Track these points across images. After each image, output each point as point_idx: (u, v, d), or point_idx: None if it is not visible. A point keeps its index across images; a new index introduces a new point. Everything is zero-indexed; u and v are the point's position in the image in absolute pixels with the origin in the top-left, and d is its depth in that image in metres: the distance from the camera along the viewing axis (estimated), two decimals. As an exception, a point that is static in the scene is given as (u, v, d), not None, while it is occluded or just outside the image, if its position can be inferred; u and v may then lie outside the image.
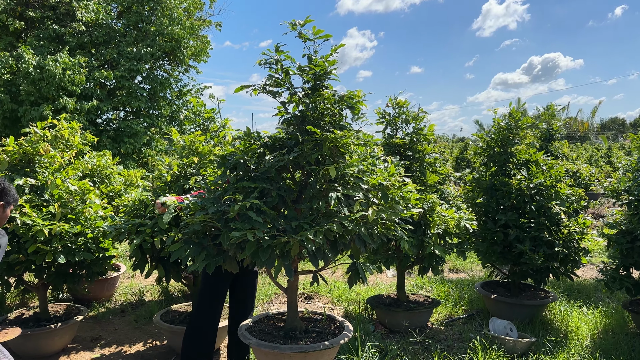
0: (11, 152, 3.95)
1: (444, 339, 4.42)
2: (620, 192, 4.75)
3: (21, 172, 3.97)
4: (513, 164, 5.12)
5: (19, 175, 3.91)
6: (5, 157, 3.95)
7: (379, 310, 4.70)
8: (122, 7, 13.39)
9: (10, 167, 3.97)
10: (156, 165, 4.64)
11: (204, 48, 14.66)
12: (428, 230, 4.25)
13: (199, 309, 3.47)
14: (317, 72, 2.97)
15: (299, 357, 2.86)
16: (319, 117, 2.96)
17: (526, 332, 4.48)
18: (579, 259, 4.76)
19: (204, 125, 5.20)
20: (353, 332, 3.36)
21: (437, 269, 4.42)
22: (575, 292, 5.84)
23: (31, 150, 3.99)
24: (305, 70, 2.99)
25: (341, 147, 2.94)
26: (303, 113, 2.99)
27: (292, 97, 3.03)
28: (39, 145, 4.00)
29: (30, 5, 11.95)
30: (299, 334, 3.14)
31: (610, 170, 14.99)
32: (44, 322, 4.07)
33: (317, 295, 5.90)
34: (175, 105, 14.09)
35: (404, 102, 4.83)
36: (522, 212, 4.86)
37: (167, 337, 4.20)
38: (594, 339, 4.39)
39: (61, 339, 4.07)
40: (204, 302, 3.45)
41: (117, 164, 5.82)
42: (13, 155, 3.96)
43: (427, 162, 4.79)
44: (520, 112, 5.15)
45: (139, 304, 5.49)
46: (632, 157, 5.52)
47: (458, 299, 5.58)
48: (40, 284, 4.13)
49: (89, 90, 11.57)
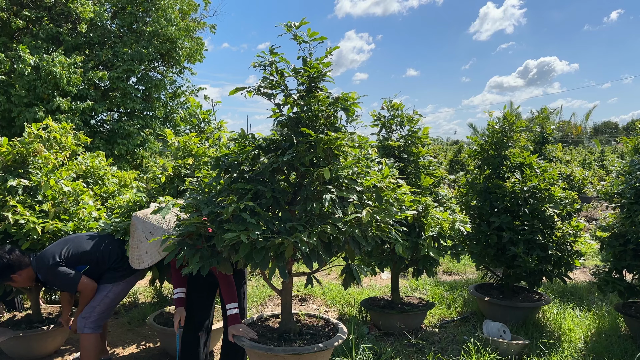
0: (4, 153, 3.93)
1: (438, 341, 4.43)
2: (613, 194, 4.78)
3: (14, 173, 3.94)
4: (507, 166, 5.14)
5: (12, 176, 3.88)
6: (0, 158, 3.93)
7: (373, 313, 4.70)
8: (116, 8, 13.35)
9: (3, 168, 3.95)
10: (150, 166, 4.62)
11: (199, 49, 14.64)
12: (422, 233, 4.26)
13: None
14: (311, 74, 2.96)
15: (292, 359, 2.85)
16: (313, 119, 2.95)
17: (520, 334, 4.49)
18: (572, 261, 4.78)
19: (199, 127, 5.19)
20: (347, 334, 3.36)
21: (432, 271, 4.43)
22: (568, 295, 5.86)
23: (24, 151, 3.97)
24: (300, 72, 2.99)
25: (335, 149, 2.94)
26: (297, 115, 2.99)
27: (286, 99, 3.03)
28: (32, 145, 3.98)
29: (25, 5, 11.89)
30: (293, 336, 3.13)
31: (604, 174, 15.09)
32: (37, 324, 4.04)
33: (311, 298, 5.89)
34: (169, 106, 14.05)
35: (399, 104, 4.85)
36: (516, 215, 4.88)
37: (160, 339, 4.18)
38: (586, 341, 4.41)
39: (54, 340, 4.04)
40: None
41: (110, 165, 5.80)
42: (6, 156, 3.93)
43: (422, 164, 4.80)
44: (514, 116, 5.18)
45: (132, 305, 5.47)
46: (625, 160, 5.56)
47: (452, 301, 5.60)
48: (33, 286, 4.10)
49: (83, 91, 11.51)
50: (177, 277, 3.42)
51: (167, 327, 3.95)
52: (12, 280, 3.49)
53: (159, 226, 3.05)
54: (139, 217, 3.09)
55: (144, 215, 3.11)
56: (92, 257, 3.40)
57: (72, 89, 10.72)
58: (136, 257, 3.14)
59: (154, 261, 3.09)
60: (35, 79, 10.23)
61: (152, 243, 3.05)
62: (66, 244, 3.44)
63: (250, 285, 6.38)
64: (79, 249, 3.42)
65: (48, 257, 3.34)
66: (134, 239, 3.14)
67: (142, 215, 3.11)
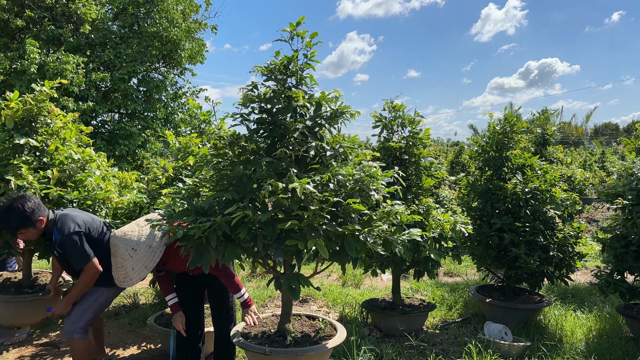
0: (14, 109, 3.72)
1: (439, 343, 4.42)
2: (614, 196, 4.77)
3: (22, 131, 3.73)
4: (508, 168, 5.13)
5: (19, 134, 3.68)
6: (9, 113, 3.71)
7: (374, 314, 4.70)
8: (118, 9, 13.37)
9: (10, 126, 3.76)
10: (151, 167, 4.61)
11: (200, 50, 14.66)
12: (424, 234, 4.25)
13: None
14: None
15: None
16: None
17: (521, 336, 4.48)
18: (574, 263, 4.77)
19: (200, 128, 5.20)
20: (348, 335, 3.35)
21: (433, 272, 4.42)
22: (569, 296, 5.86)
23: (35, 109, 3.76)
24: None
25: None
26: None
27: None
28: (45, 104, 3.76)
29: (26, 5, 11.91)
30: (292, 337, 3.13)
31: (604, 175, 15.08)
32: (26, 289, 3.94)
33: (312, 299, 5.89)
34: (170, 107, 14.07)
35: (400, 105, 4.84)
36: (517, 216, 4.88)
37: (161, 341, 4.17)
38: (588, 343, 4.40)
39: (42, 309, 3.91)
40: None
41: (111, 166, 5.79)
42: (16, 112, 3.72)
43: (423, 165, 4.79)
44: (515, 117, 5.17)
45: (133, 306, 5.46)
46: (626, 161, 5.55)
47: (453, 302, 5.59)
48: (26, 249, 3.93)
49: (84, 92, 11.52)
50: (164, 284, 3.44)
51: (167, 328, 3.94)
52: (22, 233, 3.23)
53: (139, 241, 3.07)
54: (118, 236, 3.10)
55: (122, 234, 3.11)
56: (102, 251, 3.30)
57: (75, 89, 10.73)
58: (122, 276, 3.13)
59: (142, 277, 3.09)
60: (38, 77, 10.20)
61: (138, 258, 3.05)
62: (92, 223, 3.32)
63: (251, 286, 6.37)
64: (97, 235, 3.31)
65: (74, 222, 3.18)
66: (116, 259, 3.12)
67: (121, 234, 3.11)
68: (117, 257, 3.10)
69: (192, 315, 3.54)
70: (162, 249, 3.10)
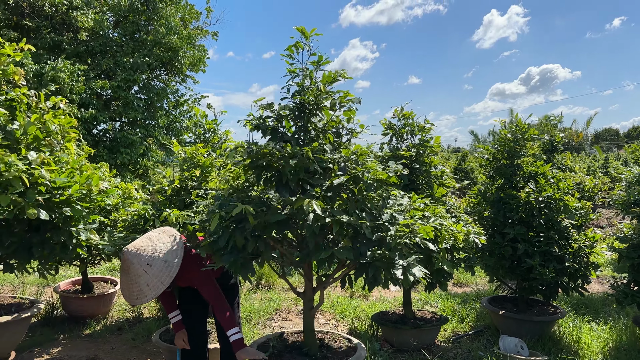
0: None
1: (453, 357, 4.29)
2: (630, 204, 4.65)
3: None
4: (520, 176, 5.01)
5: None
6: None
7: (385, 328, 4.56)
8: (118, 17, 13.32)
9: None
10: (155, 177, 4.47)
11: (202, 57, 14.60)
12: (436, 245, 4.12)
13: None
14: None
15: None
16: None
17: (536, 349, 4.35)
18: (589, 273, 4.64)
19: (204, 137, 5.08)
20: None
21: (445, 284, 4.29)
22: (583, 307, 5.72)
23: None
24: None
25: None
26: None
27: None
28: (8, 68, 3.24)
29: (26, 14, 11.84)
30: (314, 354, 3.02)
31: (609, 181, 14.97)
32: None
33: (319, 312, 5.75)
34: (172, 115, 13.99)
35: (410, 113, 4.74)
36: (530, 226, 4.75)
37: (166, 357, 4.03)
38: (605, 356, 4.27)
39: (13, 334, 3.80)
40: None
41: (114, 176, 5.67)
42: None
43: (434, 174, 4.68)
44: (527, 124, 5.06)
45: (136, 321, 5.32)
46: (632, 167, 5.44)
47: (464, 314, 5.45)
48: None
49: (85, 99, 11.44)
50: (167, 301, 3.32)
51: (173, 345, 3.81)
52: None
53: (154, 255, 2.90)
54: (132, 252, 2.91)
55: (135, 249, 2.92)
56: None
57: (75, 97, 10.64)
58: (136, 293, 2.95)
59: (157, 293, 2.91)
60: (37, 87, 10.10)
61: (153, 274, 2.87)
62: None
63: (256, 298, 6.23)
64: None
65: None
66: (129, 275, 2.93)
67: (134, 249, 2.93)
68: (131, 273, 2.92)
69: (196, 328, 3.41)
70: (179, 263, 2.93)
